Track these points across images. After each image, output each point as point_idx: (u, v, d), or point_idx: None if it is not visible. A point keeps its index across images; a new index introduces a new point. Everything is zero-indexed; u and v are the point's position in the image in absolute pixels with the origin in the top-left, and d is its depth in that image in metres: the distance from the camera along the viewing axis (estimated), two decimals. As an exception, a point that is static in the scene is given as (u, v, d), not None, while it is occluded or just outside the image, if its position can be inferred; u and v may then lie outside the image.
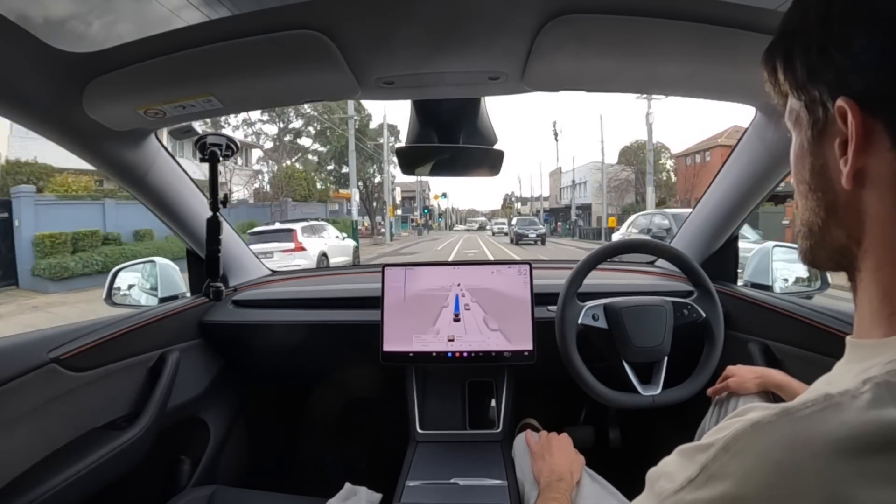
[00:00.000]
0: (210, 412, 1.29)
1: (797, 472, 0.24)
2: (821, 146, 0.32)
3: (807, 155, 0.33)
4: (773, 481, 0.25)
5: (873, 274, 0.31)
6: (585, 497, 0.81)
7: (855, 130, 0.29)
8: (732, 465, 0.27)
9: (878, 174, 0.29)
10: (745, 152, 1.05)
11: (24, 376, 0.76)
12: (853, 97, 0.29)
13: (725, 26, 0.63)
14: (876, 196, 0.29)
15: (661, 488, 0.30)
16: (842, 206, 0.31)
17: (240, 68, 0.73)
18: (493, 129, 0.99)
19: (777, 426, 0.26)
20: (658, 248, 1.22)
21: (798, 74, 0.32)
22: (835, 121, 0.30)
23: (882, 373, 0.26)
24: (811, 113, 0.32)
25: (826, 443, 0.24)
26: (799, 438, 0.25)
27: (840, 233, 0.32)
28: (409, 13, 0.62)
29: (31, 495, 0.75)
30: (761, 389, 0.85)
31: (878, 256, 0.30)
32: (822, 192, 0.33)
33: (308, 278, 1.52)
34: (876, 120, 0.28)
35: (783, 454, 0.25)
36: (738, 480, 0.26)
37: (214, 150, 1.00)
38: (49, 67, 0.67)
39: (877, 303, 0.31)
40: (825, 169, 0.32)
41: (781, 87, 0.34)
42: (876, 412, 0.24)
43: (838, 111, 0.29)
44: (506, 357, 1.11)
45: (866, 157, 0.29)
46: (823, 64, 0.30)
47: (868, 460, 0.23)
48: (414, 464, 1.03)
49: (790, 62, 0.32)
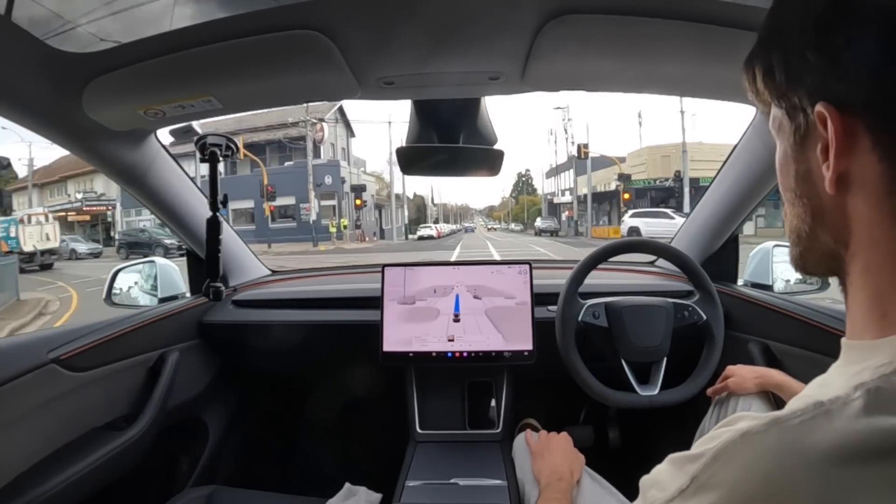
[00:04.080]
0: (209, 412, 1.29)
1: (787, 482, 0.24)
2: (804, 152, 0.32)
3: (791, 162, 0.34)
4: (762, 491, 0.25)
5: (862, 276, 0.31)
6: (585, 497, 0.81)
7: (835, 135, 0.29)
8: (722, 474, 0.27)
9: (862, 177, 0.29)
10: (745, 152, 1.05)
11: (24, 376, 0.76)
12: (832, 102, 0.29)
13: (725, 26, 0.63)
14: (860, 199, 0.29)
15: (653, 498, 0.31)
16: (828, 211, 0.31)
17: (240, 68, 0.73)
18: (493, 129, 0.99)
19: (767, 436, 0.26)
20: (658, 248, 1.23)
21: (778, 81, 0.32)
22: (816, 126, 0.30)
23: (873, 378, 0.26)
24: (792, 120, 0.32)
25: (816, 452, 0.24)
26: (789, 448, 0.25)
27: (827, 237, 0.32)
28: (409, 13, 0.62)
29: (31, 495, 0.75)
30: (761, 389, 0.85)
31: (865, 259, 0.30)
32: (807, 198, 0.33)
33: (308, 278, 1.52)
34: (856, 123, 0.28)
35: (772, 464, 0.25)
36: (727, 490, 0.26)
37: (214, 150, 1.00)
38: (49, 67, 0.67)
39: (867, 305, 0.31)
40: (809, 175, 0.32)
41: (762, 95, 0.34)
42: (867, 420, 0.24)
43: (818, 117, 0.29)
44: (506, 357, 1.11)
45: (848, 160, 0.29)
46: (801, 69, 0.30)
47: (859, 469, 0.23)
48: (414, 464, 1.03)
49: (769, 69, 0.32)
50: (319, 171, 21.33)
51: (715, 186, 1.18)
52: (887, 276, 0.29)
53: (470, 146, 0.97)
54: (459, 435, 1.14)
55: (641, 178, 23.53)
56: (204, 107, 0.82)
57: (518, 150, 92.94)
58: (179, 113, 0.84)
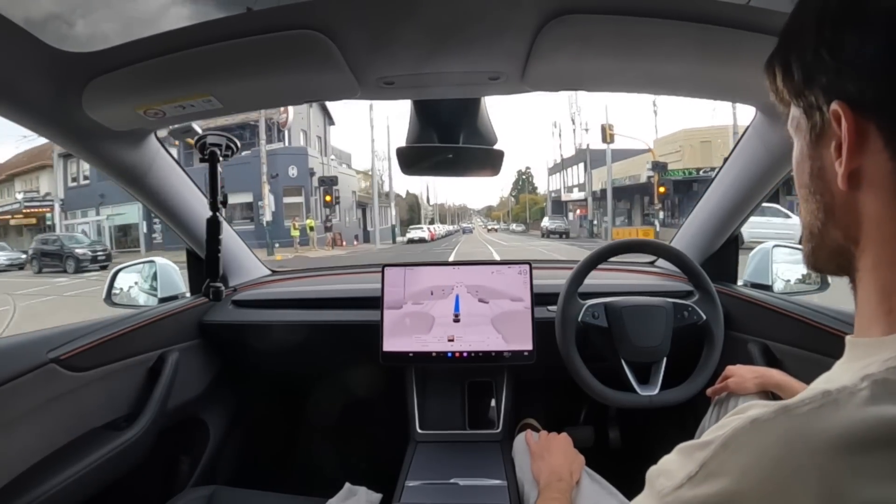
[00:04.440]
0: (210, 412, 1.29)
1: (795, 469, 0.25)
2: (819, 150, 0.33)
3: (806, 159, 0.34)
4: (771, 477, 0.25)
5: (871, 273, 0.31)
6: (585, 497, 0.81)
7: (848, 133, 0.29)
8: (731, 461, 0.27)
9: (873, 174, 0.29)
10: (746, 152, 1.05)
11: (24, 376, 0.76)
12: (846, 100, 0.29)
13: (726, 26, 0.63)
14: (871, 196, 0.30)
15: (661, 486, 0.31)
16: (839, 207, 0.32)
17: (240, 68, 0.73)
18: (493, 129, 0.99)
19: (775, 423, 0.26)
20: (658, 248, 1.23)
21: (795, 80, 0.33)
22: (831, 124, 0.31)
23: (881, 370, 0.26)
24: (809, 118, 0.33)
25: (824, 439, 0.24)
26: (797, 435, 0.25)
27: (838, 233, 0.33)
28: (409, 13, 0.62)
29: (31, 495, 0.75)
30: (761, 389, 0.85)
31: (875, 255, 0.31)
32: (820, 195, 0.33)
33: (308, 278, 1.52)
34: (869, 122, 0.29)
35: (781, 451, 0.25)
36: (736, 477, 0.26)
37: (214, 149, 1.00)
38: (49, 67, 0.67)
39: (875, 301, 0.31)
40: (822, 172, 0.33)
41: (781, 94, 0.35)
42: (874, 409, 0.24)
43: (833, 115, 0.30)
44: (505, 357, 1.11)
45: (861, 158, 0.29)
46: (817, 68, 0.31)
47: (866, 456, 0.24)
48: (414, 464, 1.03)
49: (788, 69, 0.33)
50: (281, 160, 17.73)
51: (715, 186, 1.18)
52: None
53: (470, 146, 0.97)
54: (459, 435, 1.14)
55: (678, 168, 18.79)
56: (204, 107, 0.82)
57: (518, 147, 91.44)
58: (179, 113, 0.84)
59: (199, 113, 0.85)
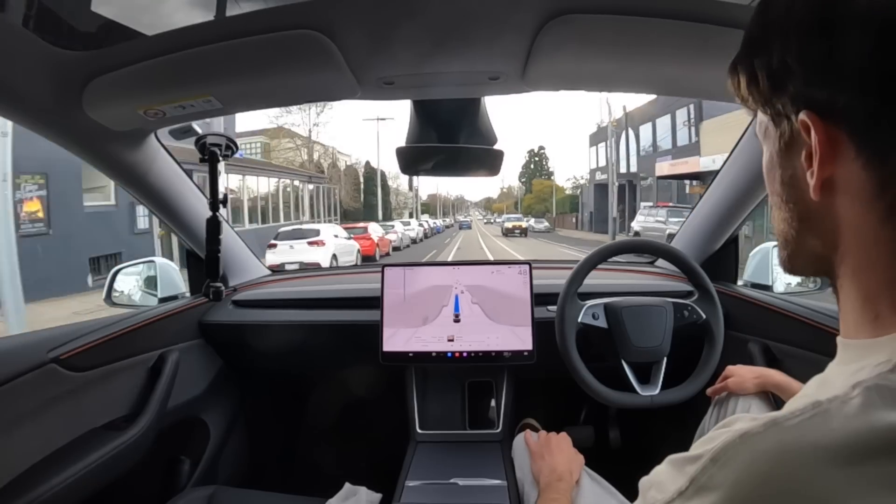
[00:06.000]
0: (210, 412, 1.29)
1: (786, 483, 0.24)
2: (789, 158, 0.32)
3: (776, 167, 0.33)
4: (761, 492, 0.25)
5: (853, 279, 0.31)
6: (585, 497, 0.81)
7: (818, 143, 0.28)
8: (721, 476, 0.27)
9: (847, 183, 0.29)
10: (745, 152, 1.05)
11: (24, 376, 0.76)
12: (815, 110, 0.28)
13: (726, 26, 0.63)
14: (846, 204, 0.29)
15: (652, 499, 0.31)
16: (814, 216, 0.31)
17: (240, 68, 0.73)
18: (493, 129, 0.99)
19: (765, 437, 0.26)
20: (658, 248, 1.23)
21: (761, 88, 0.32)
22: (800, 133, 0.30)
23: (871, 376, 0.26)
24: (777, 126, 0.32)
25: (815, 452, 0.24)
26: (787, 448, 0.25)
27: (815, 241, 0.32)
28: (409, 13, 0.62)
29: (31, 495, 0.75)
30: (760, 389, 0.85)
31: (855, 261, 0.30)
32: (793, 203, 0.33)
33: (308, 278, 1.52)
34: (840, 130, 0.28)
35: (771, 465, 0.25)
36: (727, 492, 0.26)
37: (214, 150, 1.00)
38: (49, 67, 0.67)
39: (860, 307, 0.30)
40: (795, 180, 0.32)
41: (746, 101, 0.34)
42: (865, 417, 0.24)
43: (801, 125, 0.29)
44: (505, 357, 1.11)
45: (833, 167, 0.29)
46: (784, 77, 0.30)
47: (858, 467, 0.23)
48: (414, 464, 1.03)
49: (753, 76, 0.32)
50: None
51: (715, 186, 1.18)
52: (877, 277, 0.29)
53: (470, 146, 0.97)
54: (459, 435, 1.14)
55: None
56: (204, 107, 0.82)
57: (530, 122, 77.87)
58: (179, 113, 0.84)
59: (199, 113, 0.85)
